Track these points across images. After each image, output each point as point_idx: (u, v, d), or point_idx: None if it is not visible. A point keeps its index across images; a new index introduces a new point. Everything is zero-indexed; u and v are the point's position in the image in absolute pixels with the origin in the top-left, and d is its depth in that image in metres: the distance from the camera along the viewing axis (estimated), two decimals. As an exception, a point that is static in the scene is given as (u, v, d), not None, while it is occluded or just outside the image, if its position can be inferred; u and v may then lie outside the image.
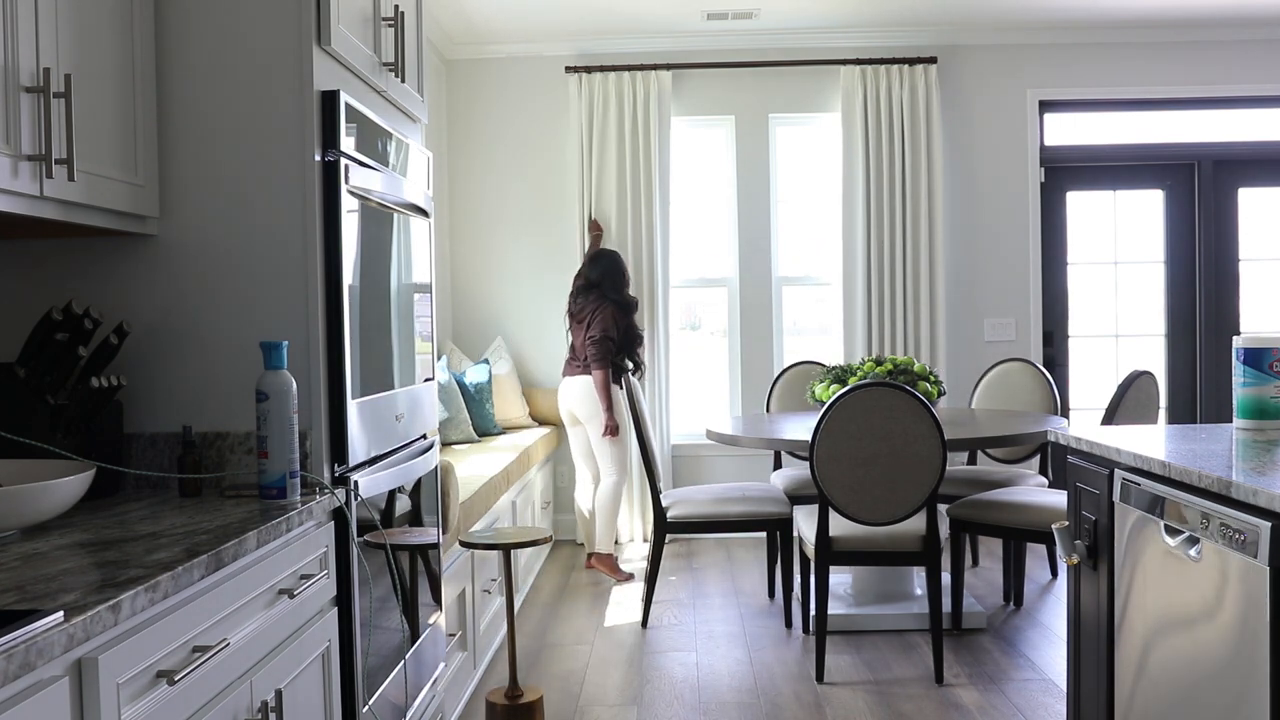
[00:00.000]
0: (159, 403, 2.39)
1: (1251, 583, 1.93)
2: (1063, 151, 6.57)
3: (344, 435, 2.40)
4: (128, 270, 2.38)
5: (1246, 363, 2.57)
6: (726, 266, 6.58)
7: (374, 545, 2.54)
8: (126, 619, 1.46)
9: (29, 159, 1.86)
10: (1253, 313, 6.59)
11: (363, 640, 2.42)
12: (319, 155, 2.36)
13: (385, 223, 2.75)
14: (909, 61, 6.28)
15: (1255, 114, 6.57)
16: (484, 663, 4.18)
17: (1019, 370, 5.38)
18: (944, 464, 3.86)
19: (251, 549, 1.87)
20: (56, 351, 2.17)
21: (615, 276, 5.55)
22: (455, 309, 6.57)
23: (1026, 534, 4.24)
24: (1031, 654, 4.22)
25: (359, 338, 2.50)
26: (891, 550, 4.01)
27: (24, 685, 1.26)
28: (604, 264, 5.59)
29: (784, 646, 4.39)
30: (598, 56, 6.39)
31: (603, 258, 5.64)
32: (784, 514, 4.55)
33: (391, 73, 2.89)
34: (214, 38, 2.35)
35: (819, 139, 6.56)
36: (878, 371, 4.42)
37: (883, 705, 3.72)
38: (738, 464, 6.54)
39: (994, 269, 6.49)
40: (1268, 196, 6.59)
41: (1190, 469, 2.14)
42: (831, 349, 6.54)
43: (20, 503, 1.73)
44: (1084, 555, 2.66)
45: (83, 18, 2.06)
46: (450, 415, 5.43)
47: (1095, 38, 6.41)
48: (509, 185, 6.53)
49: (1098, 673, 2.63)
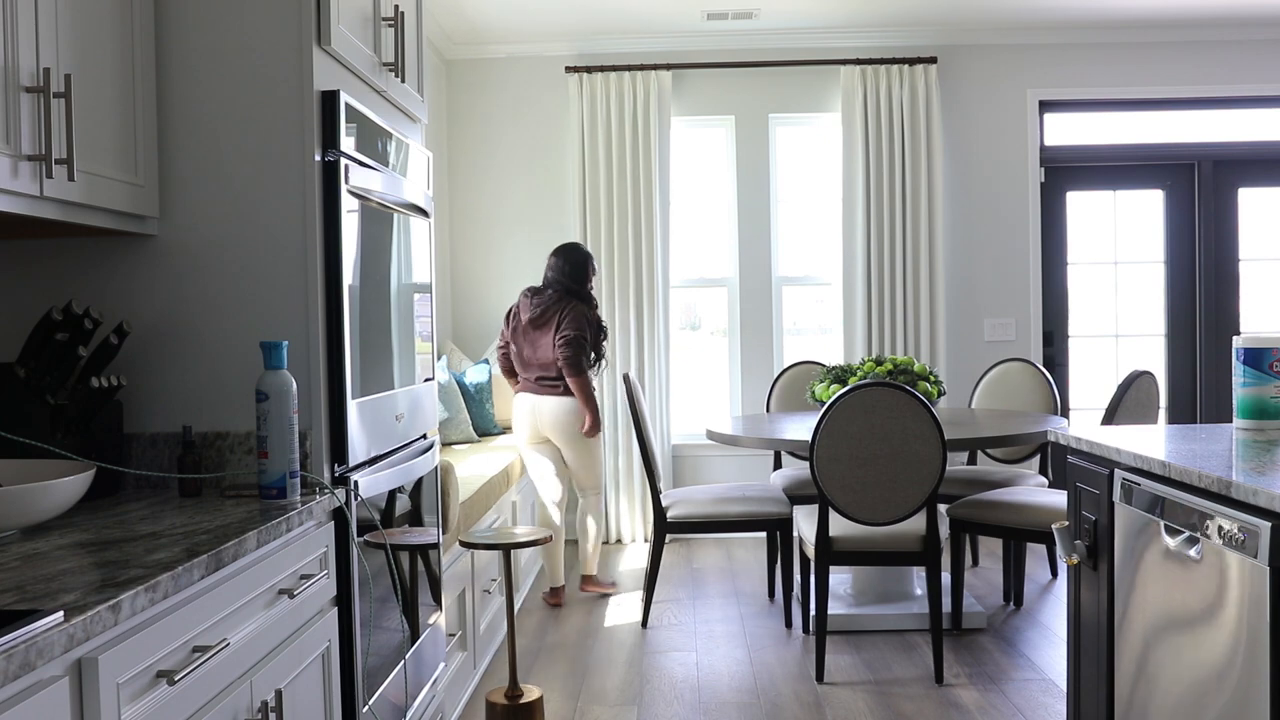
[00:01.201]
0: (159, 403, 2.39)
1: (1251, 583, 1.93)
2: (1063, 151, 6.57)
3: (344, 435, 2.40)
4: (128, 270, 2.38)
5: (1246, 363, 2.57)
6: (726, 266, 6.58)
7: (374, 545, 2.54)
8: (126, 619, 1.46)
9: (29, 159, 1.85)
10: (1253, 313, 6.59)
11: (363, 640, 2.42)
12: (319, 155, 2.36)
13: (385, 223, 2.75)
14: (909, 61, 6.28)
15: (1255, 114, 6.57)
16: (484, 663, 4.18)
17: (1019, 370, 5.38)
18: (944, 464, 3.86)
19: (251, 549, 1.87)
20: (56, 351, 2.17)
21: (585, 271, 4.97)
22: (455, 309, 6.57)
23: (1026, 534, 4.24)
24: (1031, 654, 4.22)
25: (359, 338, 2.50)
26: (891, 550, 4.01)
27: (24, 685, 1.26)
28: (573, 257, 4.99)
29: (784, 646, 4.39)
30: (598, 56, 6.40)
31: (569, 251, 5.03)
32: (784, 514, 4.55)
33: (391, 73, 2.89)
34: (214, 38, 2.35)
35: (819, 139, 6.57)
36: (878, 371, 4.42)
37: (883, 705, 3.72)
38: (738, 464, 6.54)
39: (994, 269, 6.49)
40: (1268, 196, 6.59)
41: (1190, 469, 2.14)
42: (831, 349, 6.54)
43: (20, 503, 1.73)
44: (1084, 555, 2.66)
45: (83, 18, 2.06)
46: (450, 415, 5.43)
47: (1095, 38, 6.41)
48: (509, 185, 6.53)
49: (1098, 673, 2.63)
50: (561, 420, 4.94)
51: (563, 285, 4.92)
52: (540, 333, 4.89)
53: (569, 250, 5.02)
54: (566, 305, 4.88)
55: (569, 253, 5.00)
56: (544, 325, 4.88)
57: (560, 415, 4.94)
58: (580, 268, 4.96)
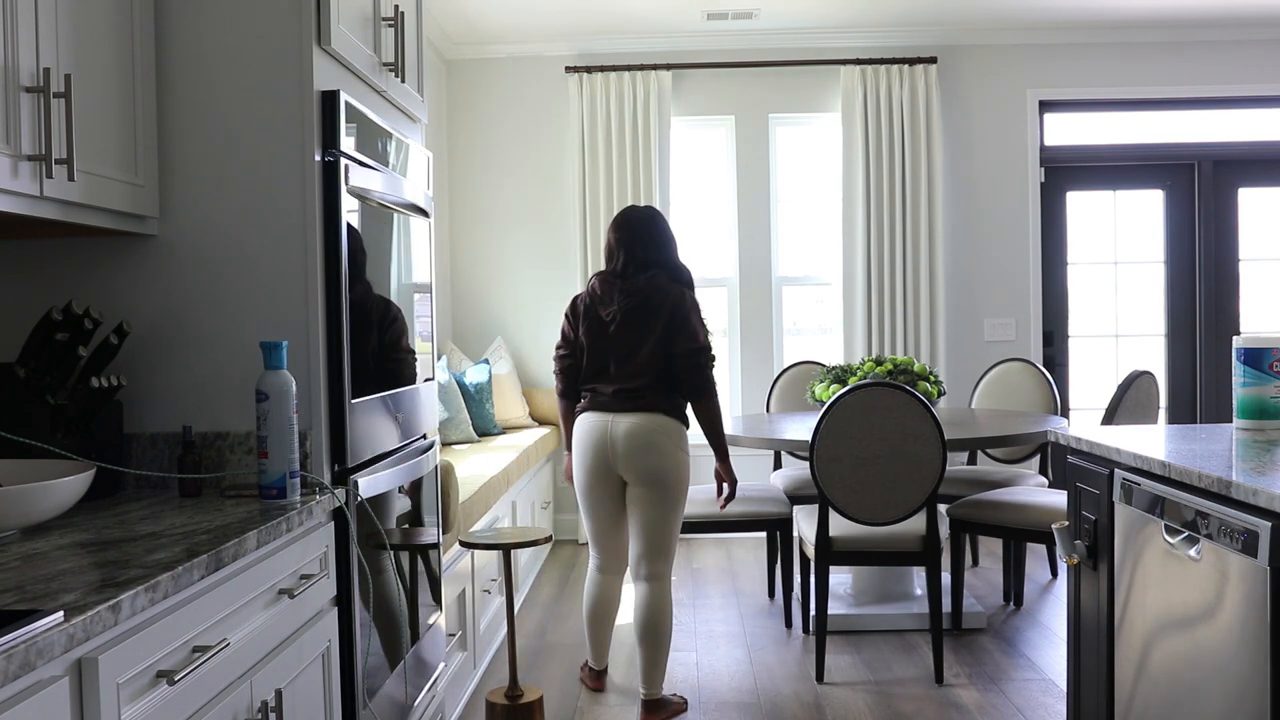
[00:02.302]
0: (159, 403, 2.39)
1: (1251, 583, 1.93)
2: (1063, 151, 6.57)
3: (344, 435, 2.40)
4: (128, 270, 2.38)
5: (1246, 363, 2.57)
6: (726, 266, 6.58)
7: (374, 545, 2.54)
8: (126, 619, 1.46)
9: (29, 159, 1.86)
10: (1253, 313, 6.59)
11: (363, 640, 2.42)
12: (319, 155, 2.36)
13: (385, 223, 2.75)
14: (909, 61, 6.28)
15: (1255, 114, 6.57)
16: (484, 663, 4.18)
17: (1019, 370, 5.39)
18: (944, 464, 3.86)
19: (251, 549, 1.87)
20: (56, 351, 2.17)
21: (670, 240, 3.73)
22: (455, 309, 6.57)
23: (1026, 534, 4.24)
24: (1031, 654, 4.22)
25: (359, 338, 2.50)
26: (891, 550, 4.01)
27: (24, 685, 1.26)
28: (647, 222, 3.70)
29: (784, 646, 4.39)
30: (598, 56, 6.40)
31: (638, 217, 3.72)
32: (784, 514, 4.55)
33: (391, 73, 2.89)
34: (214, 38, 2.35)
35: (819, 139, 6.56)
36: (878, 371, 4.42)
37: (883, 705, 3.72)
38: (738, 464, 6.53)
39: (994, 269, 6.49)
40: (1268, 196, 6.59)
41: (1190, 469, 2.14)
42: (831, 349, 6.54)
43: (20, 503, 1.73)
44: (1084, 555, 2.66)
45: (83, 18, 2.06)
46: (450, 415, 5.43)
47: (1095, 38, 6.41)
48: (509, 185, 6.53)
49: (1098, 673, 2.63)
50: (647, 446, 3.53)
51: (664, 264, 3.66)
52: (639, 333, 3.58)
53: (644, 216, 3.72)
54: (678, 296, 3.59)
55: (647, 220, 3.71)
56: (647, 322, 3.57)
57: (645, 439, 3.52)
58: (670, 236, 3.72)
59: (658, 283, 3.60)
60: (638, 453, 3.52)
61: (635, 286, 3.61)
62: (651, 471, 3.54)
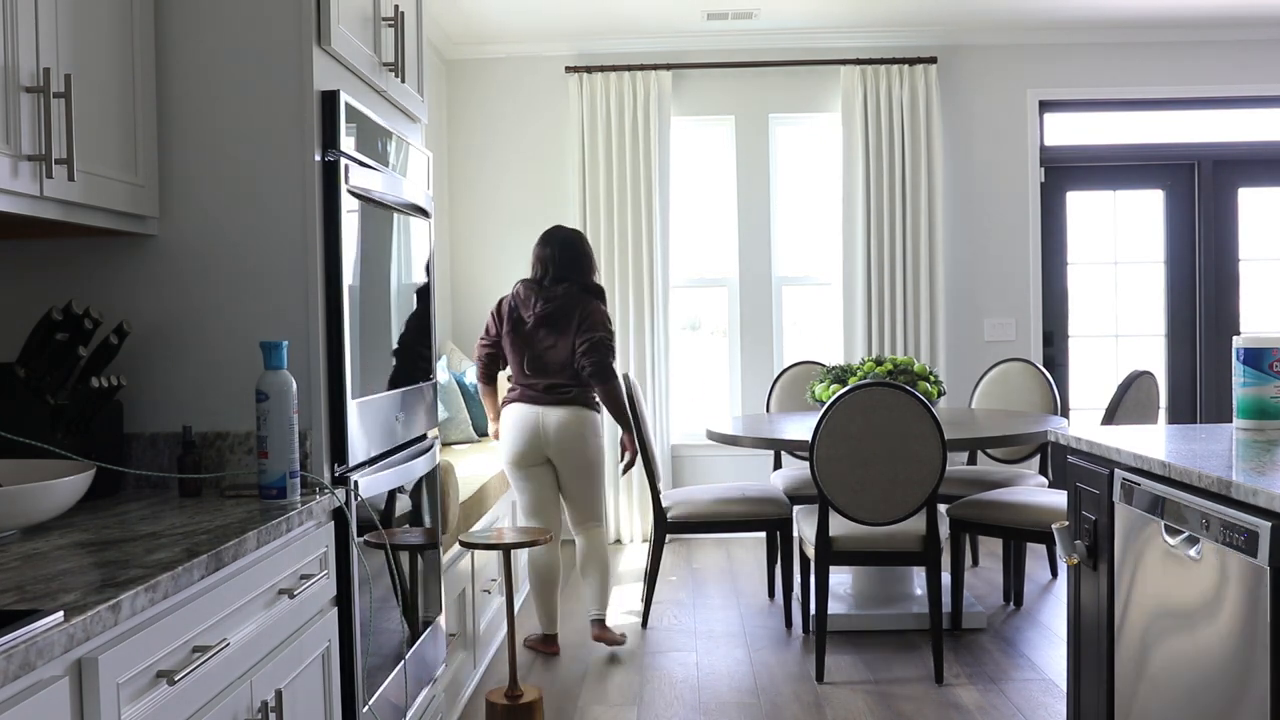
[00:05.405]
0: (159, 403, 2.39)
1: (1251, 583, 1.93)
2: (1063, 151, 6.57)
3: (344, 435, 2.40)
4: (128, 270, 2.38)
5: (1246, 363, 2.57)
6: (726, 266, 6.58)
7: (374, 545, 2.54)
8: (126, 619, 1.46)
9: (29, 159, 1.85)
10: (1253, 313, 6.59)
11: (363, 640, 2.42)
12: (319, 155, 2.36)
13: (385, 223, 2.75)
14: (909, 61, 6.28)
15: (1255, 114, 6.57)
16: (484, 663, 4.18)
17: (1019, 370, 5.39)
18: (944, 464, 3.86)
19: (251, 549, 1.87)
20: (56, 351, 2.17)
21: (588, 260, 4.34)
22: (455, 309, 6.57)
23: (1026, 534, 4.24)
24: (1031, 654, 4.22)
25: (359, 338, 2.50)
26: (891, 550, 4.01)
27: (24, 685, 1.26)
28: (571, 243, 4.32)
29: (784, 646, 4.39)
30: (598, 56, 6.40)
31: (563, 238, 4.34)
32: (784, 514, 4.55)
33: (391, 73, 2.89)
34: (214, 38, 2.35)
35: (819, 139, 6.57)
36: (878, 371, 4.42)
37: (883, 705, 3.72)
38: (738, 464, 6.55)
39: (994, 269, 6.49)
40: (1268, 196, 6.59)
41: (1190, 469, 2.14)
42: (831, 349, 6.54)
43: (20, 503, 1.73)
44: (1084, 555, 2.66)
45: (83, 18, 2.06)
46: (450, 415, 5.43)
47: (1095, 38, 6.41)
48: (509, 185, 6.53)
49: (1098, 673, 2.63)
50: (574, 436, 4.23)
51: (578, 279, 4.28)
52: (554, 334, 4.21)
53: (569, 238, 4.35)
54: (587, 302, 4.23)
55: (571, 242, 4.33)
56: (561, 325, 4.20)
57: (573, 430, 4.22)
58: (589, 257, 4.35)
59: (573, 292, 4.26)
60: (567, 441, 4.25)
61: (553, 294, 4.26)
62: (579, 456, 4.28)
